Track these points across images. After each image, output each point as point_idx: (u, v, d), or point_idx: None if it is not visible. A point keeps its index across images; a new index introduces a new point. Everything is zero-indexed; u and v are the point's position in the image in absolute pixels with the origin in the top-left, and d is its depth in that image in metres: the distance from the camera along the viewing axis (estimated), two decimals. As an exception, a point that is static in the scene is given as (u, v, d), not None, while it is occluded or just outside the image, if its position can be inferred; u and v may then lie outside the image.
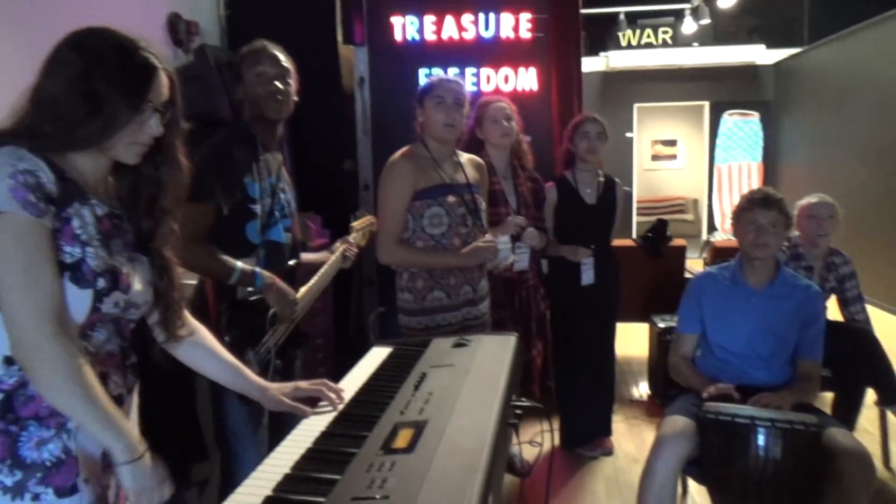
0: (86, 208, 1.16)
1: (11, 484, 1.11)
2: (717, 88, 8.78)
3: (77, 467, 1.16)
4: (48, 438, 1.13)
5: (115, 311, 1.20)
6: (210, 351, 1.46)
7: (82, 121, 1.11)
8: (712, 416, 2.03)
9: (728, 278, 2.43)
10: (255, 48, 2.05)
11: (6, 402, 1.12)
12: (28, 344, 1.07)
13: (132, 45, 1.16)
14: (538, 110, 3.79)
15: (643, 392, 4.21)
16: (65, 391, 1.10)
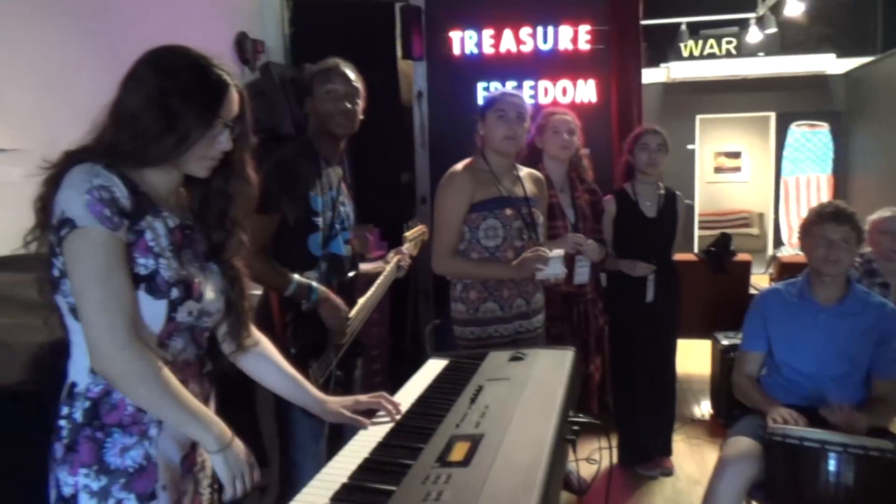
0: (158, 221, 1.20)
1: (97, 489, 1.15)
2: (784, 99, 8.50)
3: (157, 474, 1.20)
4: (131, 445, 1.17)
5: (190, 320, 1.24)
6: (273, 363, 1.48)
7: (158, 136, 1.16)
8: (779, 439, 1.95)
9: (795, 295, 2.34)
10: (328, 66, 2.09)
11: (93, 409, 1.16)
12: (105, 354, 1.11)
13: (206, 62, 1.21)
14: (597, 122, 3.75)
15: (705, 411, 4.08)
16: (148, 394, 1.14)
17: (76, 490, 1.14)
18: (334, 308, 2.02)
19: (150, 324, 1.18)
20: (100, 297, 1.10)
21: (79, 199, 1.10)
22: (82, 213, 1.10)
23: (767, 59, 8.27)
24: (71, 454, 1.15)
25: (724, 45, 8.53)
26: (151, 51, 1.21)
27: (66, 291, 1.15)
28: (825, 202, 2.39)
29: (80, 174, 1.12)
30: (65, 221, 1.10)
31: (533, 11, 3.84)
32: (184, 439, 1.26)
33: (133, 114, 1.16)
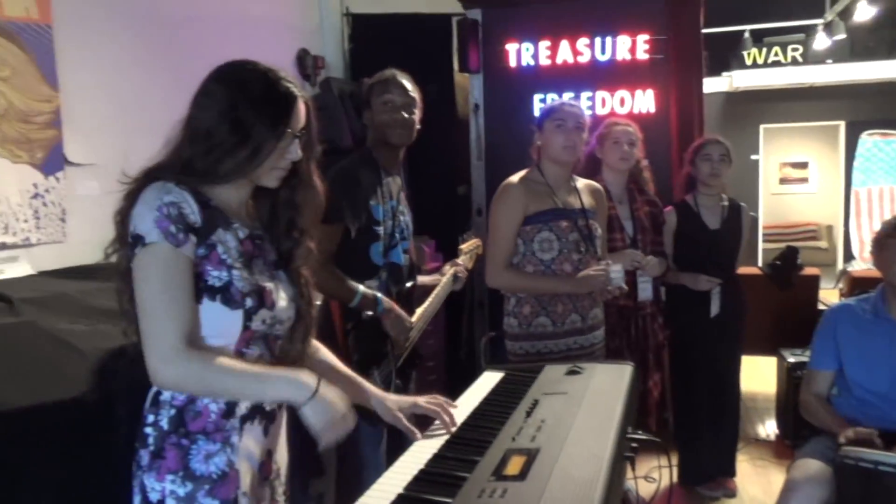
0: (229, 233, 1.24)
1: (184, 495, 1.18)
2: (853, 107, 8.18)
3: (238, 481, 1.22)
4: (215, 452, 1.20)
5: (264, 328, 1.26)
6: (331, 367, 1.50)
7: (232, 150, 1.19)
8: (851, 462, 1.86)
9: (869, 311, 2.24)
10: (385, 77, 2.14)
11: (178, 417, 1.20)
12: (153, 370, 1.13)
13: (274, 75, 1.24)
14: (655, 133, 3.68)
15: (770, 431, 3.94)
16: (217, 390, 1.17)
17: (163, 496, 1.18)
18: (398, 318, 2.04)
19: (226, 334, 1.21)
20: (162, 309, 1.13)
21: (149, 216, 1.14)
22: (150, 228, 1.14)
23: (836, 66, 7.97)
24: (158, 460, 1.18)
25: (789, 52, 8.27)
26: (220, 66, 1.25)
27: None
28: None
29: (152, 192, 1.16)
30: (136, 238, 1.15)
31: (590, 22, 3.81)
32: (262, 446, 1.29)
33: (207, 129, 1.19)
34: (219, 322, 1.20)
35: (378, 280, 2.08)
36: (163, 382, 1.16)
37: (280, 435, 1.38)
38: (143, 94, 2.63)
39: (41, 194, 2.26)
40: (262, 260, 1.30)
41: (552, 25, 3.86)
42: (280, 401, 1.26)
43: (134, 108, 2.57)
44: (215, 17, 3.10)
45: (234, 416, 1.23)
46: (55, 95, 2.30)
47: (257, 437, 1.28)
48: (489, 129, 3.93)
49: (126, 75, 2.61)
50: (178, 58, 2.77)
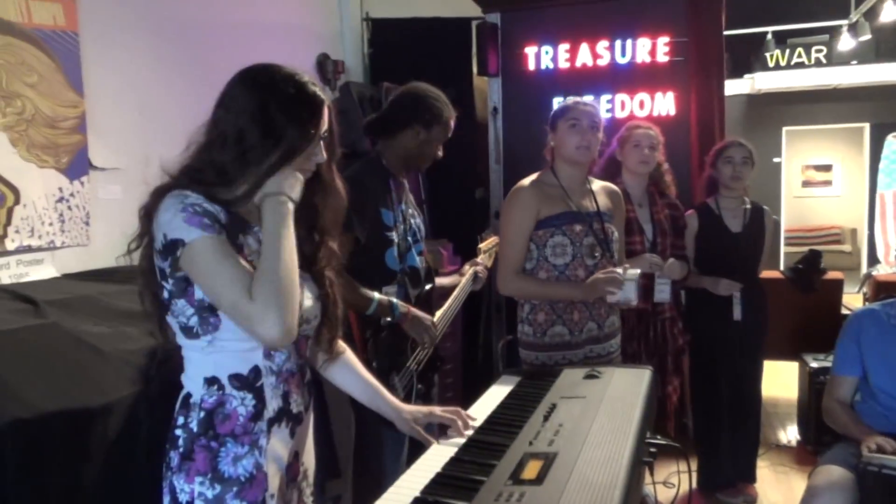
0: (250, 236, 1.25)
1: (212, 497, 1.19)
2: (879, 109, 8.05)
3: (265, 483, 1.24)
4: (242, 455, 1.21)
5: None
6: (355, 370, 1.51)
7: (266, 152, 1.19)
8: (874, 469, 1.83)
9: (894, 316, 2.21)
10: (451, 119, 2.14)
11: (207, 419, 1.21)
12: (242, 314, 1.13)
13: (301, 78, 1.25)
14: (675, 136, 3.65)
15: (792, 437, 3.89)
16: (274, 281, 1.14)
17: (192, 497, 1.19)
18: (417, 319, 2.04)
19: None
20: (230, 287, 1.13)
21: (176, 218, 1.15)
22: (185, 228, 1.14)
23: (861, 67, 7.85)
24: (187, 462, 1.20)
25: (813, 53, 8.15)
26: (246, 69, 1.25)
27: (176, 312, 1.21)
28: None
29: (170, 199, 1.17)
30: (174, 243, 1.15)
31: (609, 24, 3.79)
32: (289, 448, 1.30)
33: (238, 131, 1.19)
34: None
35: (397, 285, 2.08)
36: (254, 313, 1.13)
37: (307, 436, 1.39)
38: (166, 100, 2.67)
39: (66, 198, 2.30)
40: None
41: (571, 28, 3.85)
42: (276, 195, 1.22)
43: (156, 114, 2.61)
44: (237, 23, 3.14)
45: (262, 419, 1.24)
46: (80, 101, 2.34)
47: (284, 440, 1.29)
48: (508, 133, 3.93)
49: (149, 81, 2.65)
50: (201, 64, 2.81)
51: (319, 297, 1.34)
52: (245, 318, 1.13)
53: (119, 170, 2.49)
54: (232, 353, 1.22)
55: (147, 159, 2.35)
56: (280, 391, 1.27)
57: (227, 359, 1.22)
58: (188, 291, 1.18)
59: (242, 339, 1.21)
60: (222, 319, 1.19)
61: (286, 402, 1.28)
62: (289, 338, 1.16)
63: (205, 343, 1.20)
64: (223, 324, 1.19)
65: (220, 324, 1.19)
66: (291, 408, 1.30)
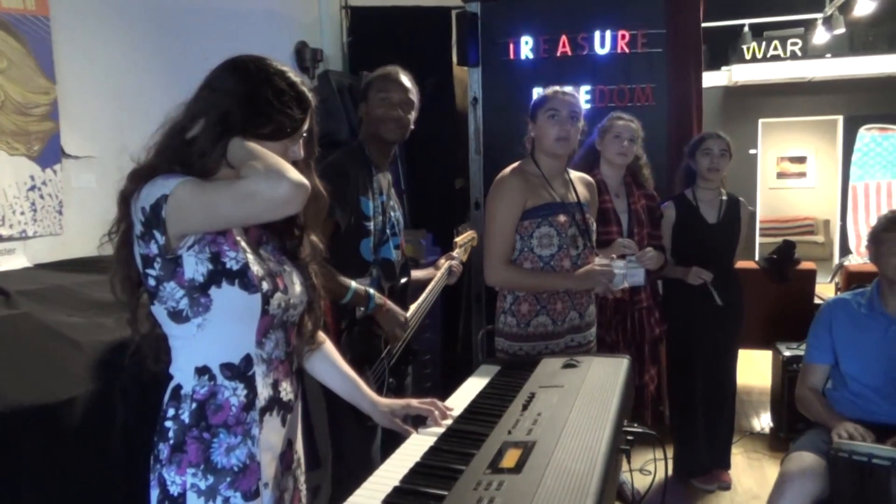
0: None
1: (205, 488, 1.18)
2: (852, 101, 8.17)
3: (259, 472, 1.23)
4: (235, 445, 1.21)
5: (279, 313, 1.27)
6: (333, 363, 1.52)
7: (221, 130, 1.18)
8: (845, 455, 1.87)
9: (864, 305, 2.25)
10: (386, 73, 2.12)
11: (199, 410, 1.20)
12: (247, 194, 1.11)
13: (294, 76, 1.25)
14: (654, 127, 3.67)
15: (765, 424, 3.96)
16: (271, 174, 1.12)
17: (184, 489, 1.18)
18: (390, 312, 2.04)
19: (248, 318, 1.21)
20: (223, 188, 1.12)
21: (155, 185, 1.13)
22: (163, 185, 1.12)
23: (835, 60, 7.96)
24: (178, 454, 1.18)
25: (788, 46, 8.24)
26: (237, 57, 1.24)
27: (164, 297, 1.19)
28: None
29: (160, 181, 1.15)
30: (156, 205, 1.12)
31: (589, 16, 3.80)
32: (282, 436, 1.30)
33: (223, 112, 1.18)
34: (240, 306, 1.20)
35: (370, 277, 2.08)
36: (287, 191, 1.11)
37: (298, 424, 1.39)
38: (142, 87, 2.62)
39: (38, 187, 2.26)
40: (271, 246, 1.31)
41: (551, 19, 3.84)
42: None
43: (131, 101, 2.57)
44: (213, 9, 3.09)
45: (254, 409, 1.24)
46: (52, 88, 2.30)
47: (276, 428, 1.29)
48: (488, 123, 3.93)
49: (124, 68, 2.60)
50: (176, 50, 2.76)
51: (306, 286, 1.34)
52: (250, 195, 1.10)
53: (93, 158, 2.45)
54: (223, 339, 1.21)
55: (122, 147, 2.32)
56: (270, 380, 1.27)
57: (218, 346, 1.21)
58: (177, 272, 1.17)
59: (234, 319, 1.20)
60: (213, 299, 1.18)
61: (276, 390, 1.28)
62: (303, 189, 1.13)
63: (195, 328, 1.19)
64: (214, 304, 1.18)
65: (212, 304, 1.18)
66: (282, 396, 1.29)
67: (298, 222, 1.34)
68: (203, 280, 1.17)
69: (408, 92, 2.11)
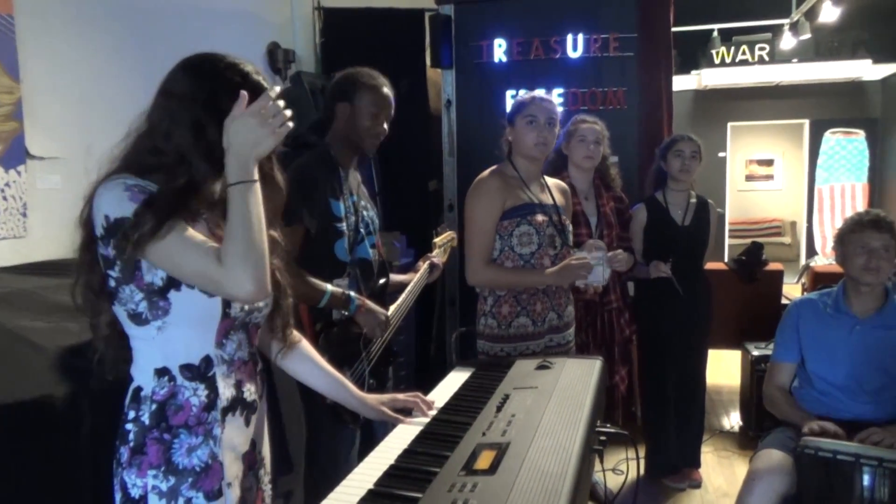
0: (199, 223, 1.22)
1: (166, 489, 1.17)
2: (818, 106, 8.35)
3: (222, 472, 1.22)
4: (197, 445, 1.20)
5: (242, 315, 1.26)
6: (314, 362, 1.51)
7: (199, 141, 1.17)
8: (811, 452, 1.91)
9: (831, 305, 2.30)
10: (379, 85, 2.08)
11: (159, 411, 1.19)
12: (211, 280, 1.12)
13: (245, 67, 1.23)
14: (625, 130, 3.73)
15: (734, 423, 4.02)
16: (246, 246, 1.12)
17: (145, 491, 1.17)
18: (371, 312, 2.02)
19: (207, 321, 1.20)
20: (192, 248, 1.11)
21: (119, 197, 1.12)
22: (128, 206, 1.11)
23: (801, 65, 8.12)
24: (139, 456, 1.17)
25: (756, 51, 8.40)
26: (189, 57, 1.23)
27: (124, 300, 1.18)
28: (863, 210, 2.34)
29: (111, 183, 1.14)
30: (117, 223, 1.12)
31: (562, 19, 3.83)
32: (245, 436, 1.29)
33: (180, 119, 1.17)
34: (199, 309, 1.18)
35: (348, 278, 2.06)
36: (226, 270, 1.11)
37: (263, 425, 1.38)
38: (109, 87, 2.58)
39: (1, 188, 2.21)
40: None
41: (524, 22, 3.87)
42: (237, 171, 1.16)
43: (98, 101, 2.52)
44: (183, 9, 3.05)
45: (216, 409, 1.23)
46: (16, 87, 2.25)
47: (240, 428, 1.28)
48: (461, 125, 3.94)
49: (90, 67, 2.55)
50: (144, 50, 2.72)
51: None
52: (214, 282, 1.12)
53: (58, 159, 2.40)
54: (182, 341, 1.19)
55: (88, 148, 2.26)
56: (233, 380, 1.26)
57: (178, 348, 1.20)
58: (136, 276, 1.16)
59: (193, 323, 1.19)
60: (172, 303, 1.17)
61: (239, 390, 1.27)
62: (264, 291, 1.14)
63: (154, 330, 1.18)
64: (173, 307, 1.17)
65: (170, 307, 1.17)
66: (245, 396, 1.29)
67: None
68: (162, 284, 1.16)
69: (393, 107, 2.11)
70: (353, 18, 4.14)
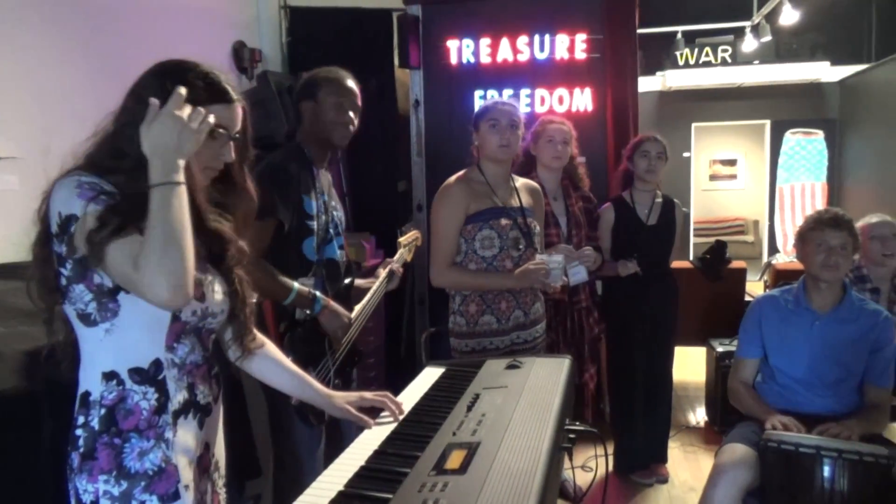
0: None
1: (118, 494, 1.15)
2: (778, 107, 8.55)
3: (177, 474, 1.21)
4: (148, 449, 1.18)
5: (194, 320, 1.24)
6: (278, 362, 1.50)
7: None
8: (774, 445, 1.95)
9: (791, 302, 2.35)
10: (339, 78, 2.10)
11: (108, 416, 1.17)
12: (131, 283, 1.10)
13: (216, 76, 1.22)
14: (593, 131, 3.77)
15: (700, 418, 4.09)
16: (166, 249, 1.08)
17: (97, 497, 1.15)
18: (334, 313, 2.01)
19: (155, 325, 1.19)
20: (119, 251, 1.08)
21: (71, 193, 1.11)
22: (78, 202, 1.10)
23: (762, 67, 8.31)
24: (89, 462, 1.16)
25: (719, 53, 8.57)
26: (162, 62, 1.23)
27: (73, 299, 1.16)
28: (822, 209, 2.40)
29: (65, 180, 1.14)
30: (68, 219, 1.11)
31: (529, 21, 3.86)
32: (198, 439, 1.27)
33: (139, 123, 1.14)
34: (149, 312, 1.16)
35: (314, 277, 2.05)
36: (144, 272, 1.07)
37: (217, 428, 1.37)
38: (68, 86, 2.51)
39: (-44, 189, 2.14)
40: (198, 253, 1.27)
41: (492, 23, 3.88)
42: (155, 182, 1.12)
43: (57, 100, 2.46)
44: (147, 6, 2.99)
45: (167, 412, 1.21)
46: (-29, 85, 2.18)
47: (193, 431, 1.26)
48: (429, 126, 3.93)
49: (50, 65, 2.49)
50: (105, 48, 2.66)
51: (228, 294, 1.31)
52: (133, 286, 1.10)
53: (15, 159, 2.33)
54: (131, 344, 1.18)
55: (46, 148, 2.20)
56: (184, 383, 1.24)
57: (127, 351, 1.18)
58: (87, 276, 1.14)
59: (142, 327, 1.18)
60: (121, 305, 1.15)
61: (192, 393, 1.26)
62: (182, 299, 1.10)
63: (102, 332, 1.16)
64: (122, 309, 1.16)
65: (120, 309, 1.16)
66: (199, 399, 1.27)
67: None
68: (112, 285, 1.15)
69: (358, 98, 2.13)
70: (321, 17, 4.11)
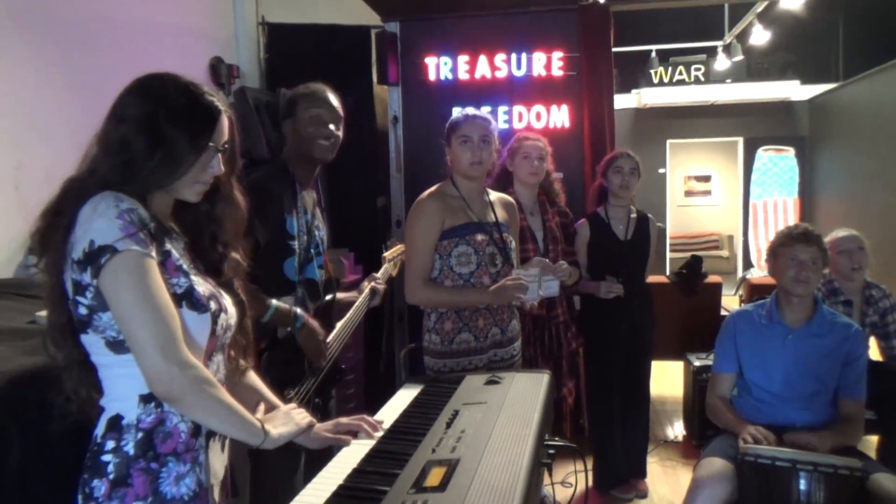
0: (174, 241, 1.21)
1: None
2: (750, 124, 8.72)
3: (208, 499, 1.20)
4: (185, 473, 1.16)
5: (221, 333, 1.24)
6: (260, 394, 1.47)
7: (150, 162, 1.14)
8: (751, 459, 1.97)
9: (764, 316, 2.39)
10: (315, 90, 2.09)
11: (146, 440, 1.14)
12: (162, 376, 1.08)
13: (197, 89, 1.21)
14: (570, 147, 3.81)
15: (678, 433, 4.11)
16: (212, 411, 1.13)
17: None
18: (311, 333, 2.00)
19: (198, 339, 1.18)
20: (152, 318, 1.08)
21: (112, 225, 1.08)
22: (119, 237, 1.08)
23: (734, 85, 8.49)
24: (122, 489, 1.12)
25: (693, 71, 8.74)
26: (139, 79, 1.21)
27: (101, 327, 1.13)
28: (793, 224, 2.45)
29: (104, 202, 1.10)
30: (102, 249, 1.08)
31: (507, 38, 3.91)
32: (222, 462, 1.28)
33: (121, 139, 1.14)
34: (190, 327, 1.16)
35: (294, 297, 2.03)
36: (172, 389, 1.09)
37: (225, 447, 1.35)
38: (42, 102, 2.48)
39: (-74, 206, 2.10)
40: (198, 268, 1.27)
41: (470, 40, 3.93)
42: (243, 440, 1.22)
43: (31, 116, 2.42)
44: (123, 22, 2.97)
45: (201, 434, 1.20)
46: (-58, 100, 2.15)
47: (218, 454, 1.26)
48: (408, 142, 3.95)
49: (23, 80, 2.46)
50: (80, 64, 2.63)
51: (236, 304, 1.31)
52: (154, 366, 1.08)
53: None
54: None
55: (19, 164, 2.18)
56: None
57: None
58: None
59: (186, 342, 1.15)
60: None
61: None
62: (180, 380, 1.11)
63: None
64: None
65: None
66: None
67: (221, 239, 1.31)
68: None
69: (337, 110, 2.10)
70: (298, 34, 4.12)
